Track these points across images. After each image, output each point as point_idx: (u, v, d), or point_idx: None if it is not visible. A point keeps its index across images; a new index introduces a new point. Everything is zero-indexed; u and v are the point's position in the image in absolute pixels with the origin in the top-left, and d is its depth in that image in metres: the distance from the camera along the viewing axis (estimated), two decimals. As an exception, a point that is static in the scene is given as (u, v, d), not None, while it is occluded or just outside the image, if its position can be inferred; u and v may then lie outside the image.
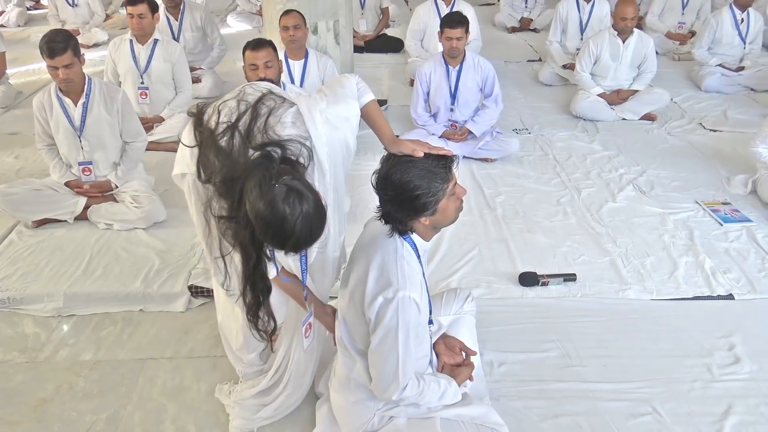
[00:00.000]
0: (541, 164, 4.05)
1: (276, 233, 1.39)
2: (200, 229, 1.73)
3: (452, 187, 1.72)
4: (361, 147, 3.90)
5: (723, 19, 5.29)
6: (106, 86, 3.25)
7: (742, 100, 5.15)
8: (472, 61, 4.03)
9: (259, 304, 1.61)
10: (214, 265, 1.75)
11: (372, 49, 6.42)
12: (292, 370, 2.07)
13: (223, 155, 1.50)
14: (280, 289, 1.92)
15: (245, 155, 1.48)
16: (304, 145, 1.53)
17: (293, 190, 1.38)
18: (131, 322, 2.67)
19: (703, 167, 3.98)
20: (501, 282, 2.87)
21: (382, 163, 1.73)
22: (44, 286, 2.79)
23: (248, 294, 1.60)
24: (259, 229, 1.40)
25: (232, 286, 1.76)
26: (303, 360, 2.06)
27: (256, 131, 1.53)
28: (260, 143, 1.49)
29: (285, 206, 1.36)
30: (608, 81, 4.80)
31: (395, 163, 1.69)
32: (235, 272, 1.67)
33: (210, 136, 1.53)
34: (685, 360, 2.42)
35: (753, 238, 3.19)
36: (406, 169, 1.67)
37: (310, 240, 1.44)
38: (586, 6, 5.59)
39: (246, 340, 2.10)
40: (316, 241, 1.47)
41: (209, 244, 1.68)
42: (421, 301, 1.73)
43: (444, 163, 1.70)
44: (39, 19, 7.90)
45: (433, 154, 1.70)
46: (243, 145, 1.50)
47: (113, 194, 3.33)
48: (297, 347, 2.04)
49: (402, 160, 1.69)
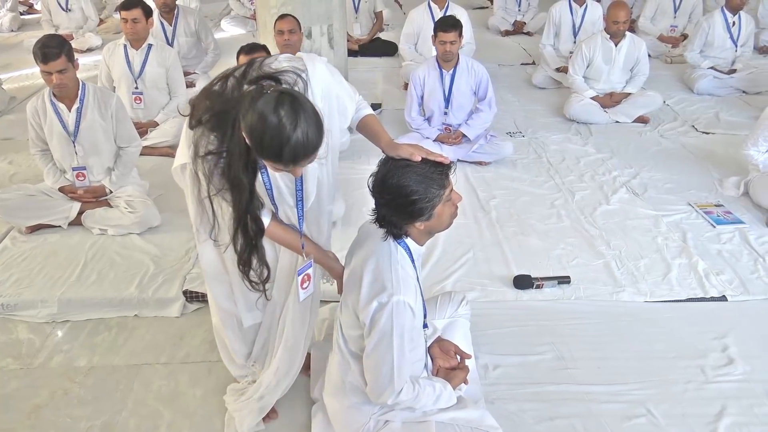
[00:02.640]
0: (535, 167, 4.07)
1: (272, 141, 1.36)
2: (193, 204, 1.71)
3: (448, 193, 1.73)
4: (355, 151, 3.98)
5: (715, 23, 5.33)
6: (100, 91, 3.24)
7: (734, 102, 5.18)
8: (465, 64, 4.04)
9: (252, 248, 1.59)
10: (201, 213, 1.69)
11: (366, 52, 6.43)
12: (285, 337, 1.98)
13: (216, 95, 1.50)
14: (273, 242, 1.85)
15: (239, 91, 1.47)
16: (299, 76, 1.52)
17: (286, 94, 1.36)
18: (126, 328, 2.67)
19: (696, 169, 4.00)
20: (495, 285, 2.87)
21: (380, 167, 1.73)
22: (38, 292, 2.78)
23: (239, 238, 1.57)
24: (255, 141, 1.38)
25: (221, 237, 1.71)
26: (296, 324, 1.97)
27: (251, 72, 1.53)
28: (254, 77, 1.49)
29: (279, 110, 1.34)
30: (601, 84, 4.83)
31: (393, 167, 1.70)
32: (225, 223, 1.64)
33: (204, 90, 1.55)
34: (679, 361, 2.43)
35: (745, 239, 3.21)
36: (404, 174, 1.67)
37: (308, 147, 1.40)
38: (579, 9, 5.62)
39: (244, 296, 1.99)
40: (315, 150, 1.43)
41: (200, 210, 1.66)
42: (416, 305, 1.73)
43: (441, 169, 1.70)
44: (32, 24, 7.88)
45: (430, 160, 1.70)
46: (237, 84, 1.49)
47: (107, 199, 3.32)
48: (290, 311, 1.95)
49: (400, 164, 1.69)
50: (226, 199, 1.61)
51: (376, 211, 1.77)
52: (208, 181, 1.56)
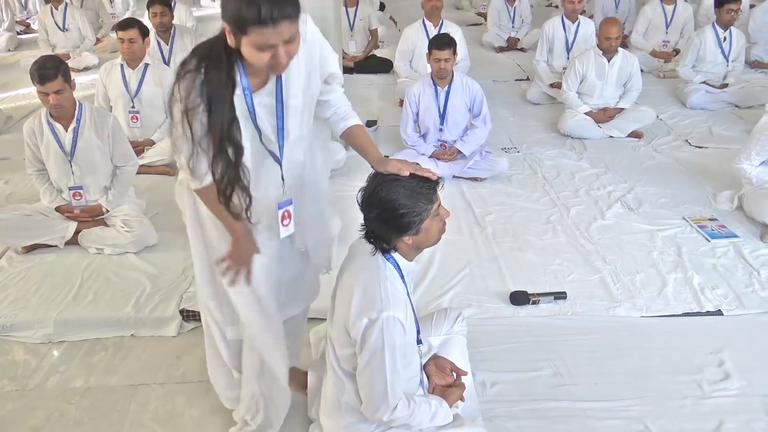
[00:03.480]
0: (531, 183, 4.09)
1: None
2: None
3: (436, 208, 1.75)
4: (351, 168, 3.99)
5: (706, 38, 5.38)
6: (96, 111, 3.26)
7: (727, 116, 5.23)
8: (460, 81, 4.08)
9: (232, 176, 1.62)
10: (179, 142, 1.67)
11: (361, 70, 6.48)
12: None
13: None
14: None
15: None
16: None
17: None
18: (122, 348, 2.66)
19: (690, 184, 4.03)
20: (492, 301, 2.88)
21: (369, 181, 1.76)
22: (34, 313, 2.78)
23: (219, 165, 1.61)
24: (231, 10, 1.47)
25: (199, 166, 1.67)
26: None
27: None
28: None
29: None
30: (595, 99, 4.86)
31: (381, 182, 1.72)
32: (205, 154, 1.64)
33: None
34: (675, 377, 2.43)
35: (740, 253, 3.23)
36: (392, 188, 1.69)
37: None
38: (572, 26, 5.67)
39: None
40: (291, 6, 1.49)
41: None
42: (406, 321, 1.74)
43: (429, 184, 1.73)
44: (29, 44, 7.92)
45: (418, 175, 1.72)
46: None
47: (104, 218, 3.33)
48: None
49: (388, 178, 1.72)
50: (203, 121, 1.60)
51: (365, 225, 1.78)
52: (186, 96, 1.58)
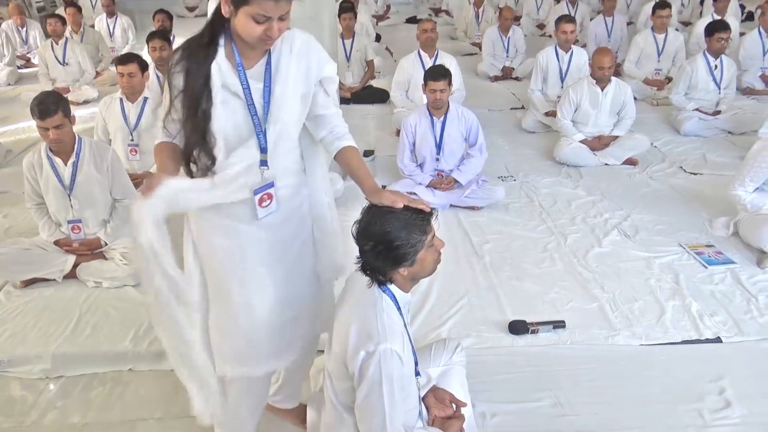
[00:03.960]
0: (527, 211, 4.11)
1: None
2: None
3: (431, 239, 1.77)
4: (349, 198, 4.01)
5: (698, 66, 5.46)
6: (96, 145, 3.29)
7: (721, 143, 5.28)
8: (455, 111, 4.13)
9: (199, 137, 1.71)
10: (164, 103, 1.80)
11: (358, 100, 6.55)
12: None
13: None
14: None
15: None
16: None
17: None
18: (120, 382, 2.65)
19: (686, 210, 4.05)
20: (491, 331, 2.88)
21: (363, 214, 1.78)
22: (32, 348, 2.77)
23: (187, 125, 1.70)
24: None
25: (170, 126, 1.82)
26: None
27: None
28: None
29: None
30: (589, 127, 4.92)
31: (375, 214, 1.74)
32: (177, 114, 1.76)
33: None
34: (676, 406, 2.43)
35: (737, 280, 3.24)
36: (387, 221, 1.72)
37: None
38: (565, 56, 5.76)
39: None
40: None
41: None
42: (404, 353, 1.75)
43: (423, 216, 1.75)
44: (29, 78, 7.99)
45: (412, 207, 1.74)
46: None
47: (102, 252, 3.34)
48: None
49: (382, 211, 1.74)
50: (179, 85, 1.72)
51: (361, 258, 1.80)
52: (173, 61, 1.73)
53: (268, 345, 1.96)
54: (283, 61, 1.78)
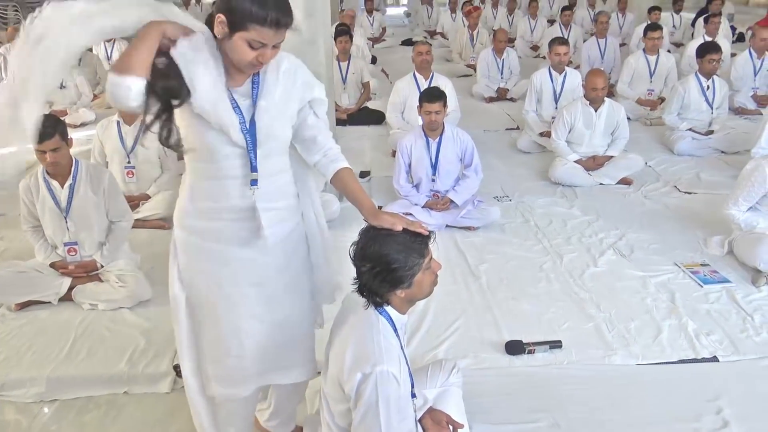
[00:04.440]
0: (523, 231, 4.12)
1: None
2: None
3: (428, 261, 1.78)
4: (345, 220, 4.01)
5: (690, 87, 5.52)
6: (93, 168, 3.30)
7: (714, 162, 5.32)
8: (451, 133, 4.16)
9: (165, 123, 1.69)
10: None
11: (354, 122, 6.59)
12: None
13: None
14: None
15: None
16: None
17: None
18: (115, 406, 2.63)
19: (680, 229, 4.07)
20: (487, 351, 2.87)
21: (361, 236, 1.79)
22: (26, 371, 2.75)
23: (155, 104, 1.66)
24: (237, 5, 1.60)
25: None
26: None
27: None
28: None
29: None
30: (584, 148, 4.95)
31: (373, 236, 1.75)
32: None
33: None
34: (674, 425, 2.42)
35: (733, 298, 3.25)
36: (384, 243, 1.73)
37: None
38: (559, 77, 5.82)
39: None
40: (288, 11, 1.65)
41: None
42: (401, 375, 1.74)
43: (421, 239, 1.76)
44: (27, 101, 8.03)
45: (410, 230, 1.75)
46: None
47: (98, 274, 3.33)
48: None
49: (381, 233, 1.75)
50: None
51: (358, 280, 1.80)
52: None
53: (258, 365, 1.98)
54: (270, 79, 1.80)
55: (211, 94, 1.69)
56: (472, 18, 9.53)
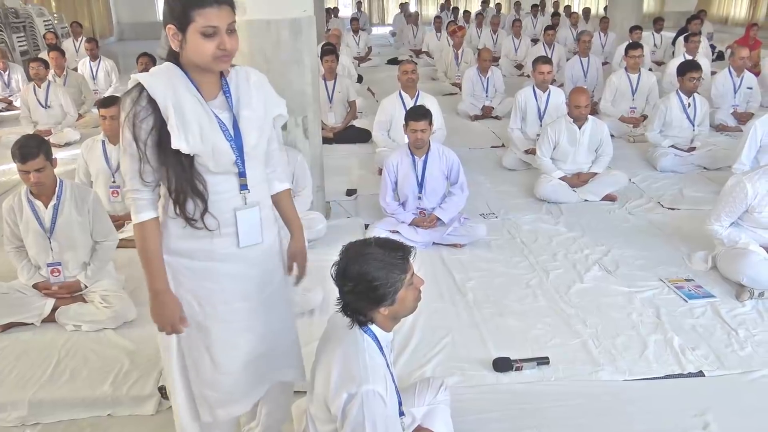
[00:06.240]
0: (509, 248, 4.14)
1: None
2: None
3: (410, 277, 1.79)
4: (332, 239, 4.01)
5: (671, 105, 5.60)
6: (77, 188, 3.28)
7: (697, 178, 5.39)
8: (437, 151, 4.18)
9: (188, 172, 1.72)
10: (126, 161, 1.77)
11: (341, 140, 6.61)
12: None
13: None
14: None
15: None
16: None
17: None
18: (99, 428, 2.59)
19: (665, 245, 4.11)
20: (475, 369, 2.87)
21: (341, 255, 1.79)
22: (8, 394, 2.70)
23: (171, 172, 1.72)
24: (173, 5, 1.63)
25: (146, 176, 1.76)
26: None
27: None
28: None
29: None
30: (568, 165, 5.00)
31: (353, 256, 1.76)
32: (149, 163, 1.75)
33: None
34: (661, 441, 2.42)
35: (717, 313, 3.27)
36: (365, 261, 1.73)
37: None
38: (543, 95, 5.89)
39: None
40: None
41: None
42: (387, 394, 1.74)
43: (402, 255, 1.77)
44: (11, 121, 7.98)
45: (389, 246, 1.77)
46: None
47: (82, 294, 3.30)
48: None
49: (360, 252, 1.76)
50: (147, 127, 1.71)
51: (341, 299, 1.80)
52: (131, 105, 1.70)
53: (254, 377, 1.99)
54: (242, 89, 1.83)
55: (201, 118, 1.74)
56: (457, 37, 9.66)
